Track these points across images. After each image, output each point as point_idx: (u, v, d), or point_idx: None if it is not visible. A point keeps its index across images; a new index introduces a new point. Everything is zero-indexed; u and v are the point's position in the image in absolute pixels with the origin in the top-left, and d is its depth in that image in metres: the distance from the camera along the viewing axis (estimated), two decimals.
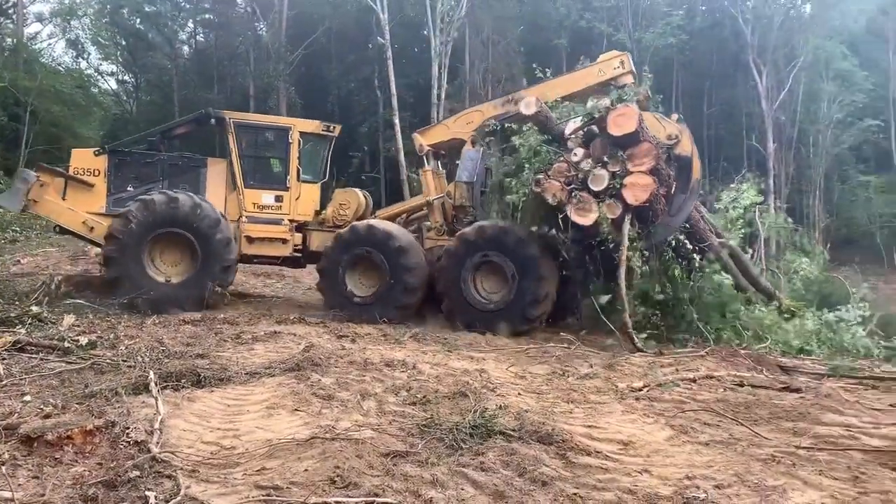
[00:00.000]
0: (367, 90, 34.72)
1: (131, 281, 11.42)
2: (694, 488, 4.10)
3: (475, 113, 13.38)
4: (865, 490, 4.22)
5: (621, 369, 8.33)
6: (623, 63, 12.62)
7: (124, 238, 11.51)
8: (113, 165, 12.55)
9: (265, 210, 12.95)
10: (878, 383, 8.48)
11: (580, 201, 10.50)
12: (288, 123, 13.54)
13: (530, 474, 4.25)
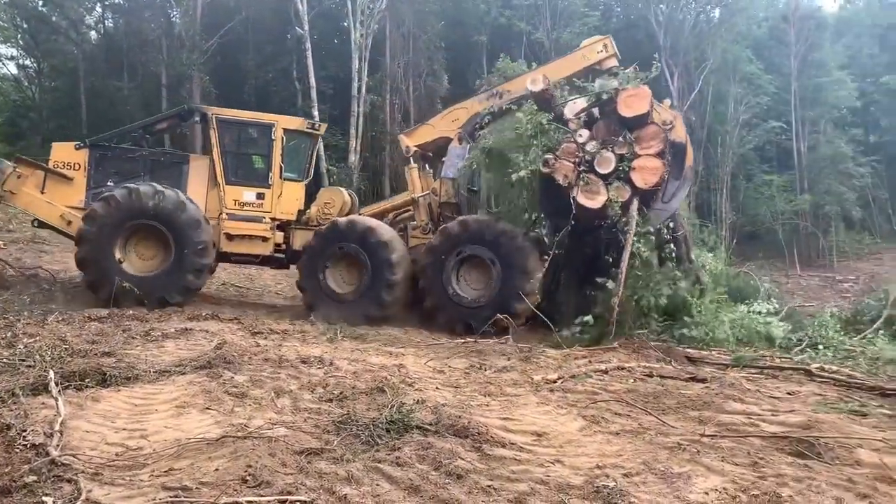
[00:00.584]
0: (285, 81, 34.09)
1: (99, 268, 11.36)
2: (604, 477, 4.21)
3: (460, 110, 13.35)
4: (763, 475, 4.42)
5: (537, 362, 8.49)
6: (606, 46, 12.66)
7: (101, 221, 11.39)
8: (93, 160, 12.45)
9: (246, 207, 12.69)
10: (778, 373, 8.92)
11: (588, 183, 10.28)
12: (271, 120, 13.25)
13: (446, 468, 4.26)
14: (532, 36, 34.68)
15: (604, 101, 10.66)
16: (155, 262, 11.74)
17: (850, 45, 47.29)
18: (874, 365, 9.36)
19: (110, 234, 11.43)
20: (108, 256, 11.37)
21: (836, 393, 7.55)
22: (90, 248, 11.39)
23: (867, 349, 10.59)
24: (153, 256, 11.80)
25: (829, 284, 31.54)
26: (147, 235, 11.73)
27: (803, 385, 8.03)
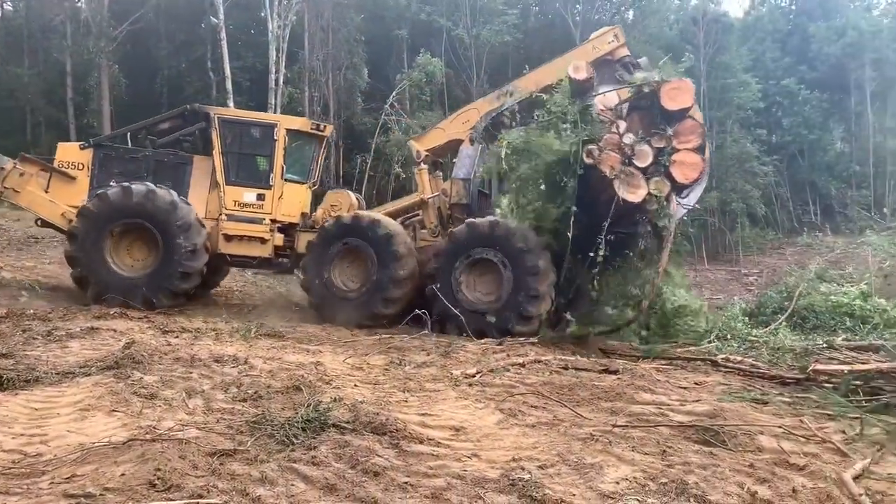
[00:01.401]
0: (199, 72, 33.08)
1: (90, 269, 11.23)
2: (519, 469, 4.27)
3: (471, 111, 13.09)
4: (671, 463, 4.58)
5: (457, 357, 8.54)
6: (617, 36, 12.37)
7: (92, 219, 11.22)
8: (98, 160, 12.40)
9: (246, 208, 12.39)
10: (686, 363, 9.29)
11: (629, 176, 10.02)
12: (274, 120, 12.97)
13: (362, 465, 4.23)
14: (452, 32, 34.79)
15: (645, 93, 10.43)
16: (146, 262, 11.56)
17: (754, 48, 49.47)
18: (775, 355, 9.85)
19: (101, 231, 11.29)
20: (97, 254, 11.22)
21: (739, 382, 7.91)
22: (80, 245, 11.26)
23: (770, 340, 11.14)
24: (145, 257, 11.62)
25: (735, 278, 33.00)
26: (141, 236, 11.56)
27: (710, 375, 8.38)
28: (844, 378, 7.21)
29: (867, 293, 15.29)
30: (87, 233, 11.26)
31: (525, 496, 3.83)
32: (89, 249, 11.23)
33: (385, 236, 11.44)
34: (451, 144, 13.12)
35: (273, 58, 27.59)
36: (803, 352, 9.27)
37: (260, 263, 12.95)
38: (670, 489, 4.04)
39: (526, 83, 12.66)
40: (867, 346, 10.04)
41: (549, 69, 12.73)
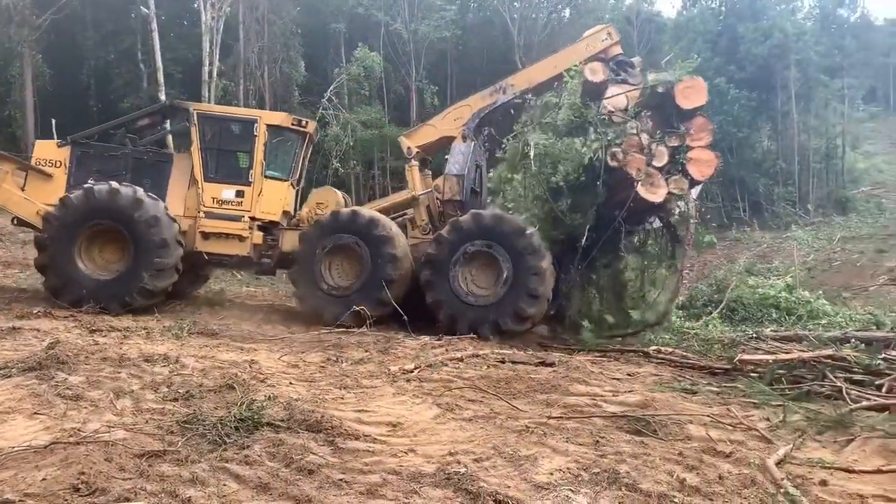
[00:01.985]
0: (128, 63, 32.09)
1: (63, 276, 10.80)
2: (455, 463, 4.28)
3: (463, 108, 12.86)
4: (604, 453, 4.67)
5: (395, 353, 8.52)
6: (610, 34, 12.31)
7: (58, 224, 10.80)
8: (75, 157, 12.09)
9: (224, 206, 11.97)
10: (620, 355, 9.49)
11: (649, 177, 10.04)
12: (254, 115, 12.54)
13: (297, 464, 4.18)
14: (391, 27, 34.66)
15: (658, 93, 10.50)
16: (120, 264, 11.12)
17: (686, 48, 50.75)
18: (705, 346, 10.15)
19: (69, 236, 10.85)
20: (68, 260, 10.79)
21: (670, 373, 8.13)
22: (49, 253, 10.83)
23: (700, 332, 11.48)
24: (119, 259, 11.17)
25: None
26: (112, 237, 11.13)
27: (642, 366, 8.59)
28: (769, 367, 7.50)
29: (792, 286, 15.93)
30: (54, 239, 10.88)
31: (460, 490, 3.84)
32: (59, 256, 10.83)
33: (382, 237, 11.20)
34: (442, 141, 12.95)
35: (206, 50, 26.94)
36: (731, 343, 9.57)
37: (239, 263, 12.55)
38: (602, 479, 4.11)
39: (520, 80, 12.61)
40: (792, 335, 10.46)
41: (543, 66, 12.82)
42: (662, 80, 10.58)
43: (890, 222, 38.11)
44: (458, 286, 10.73)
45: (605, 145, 10.26)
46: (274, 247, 12.33)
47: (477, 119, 12.47)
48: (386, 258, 11.06)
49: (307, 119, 13.22)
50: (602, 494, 3.91)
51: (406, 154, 12.97)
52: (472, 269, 10.89)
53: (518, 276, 10.47)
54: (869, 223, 38.82)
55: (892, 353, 7.75)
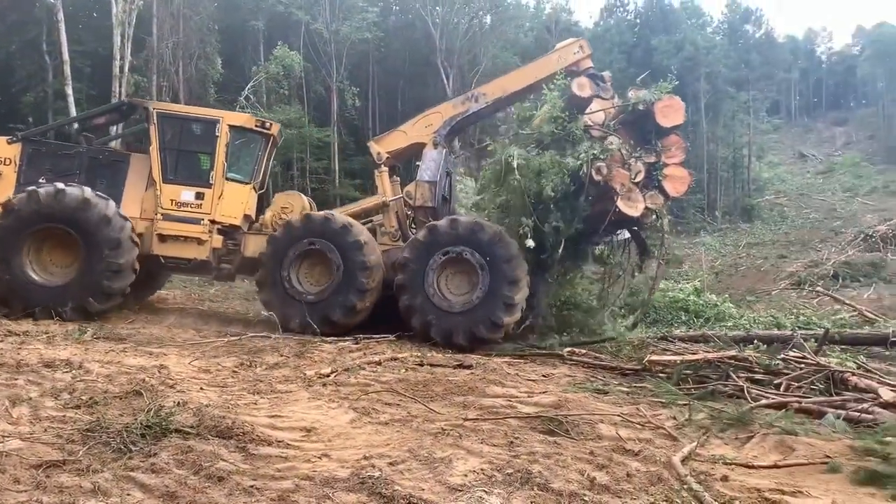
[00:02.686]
0: (33, 54, 30.47)
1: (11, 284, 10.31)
2: (370, 467, 4.25)
3: (434, 115, 12.63)
4: (518, 453, 4.73)
5: (311, 357, 8.41)
6: (582, 47, 12.33)
7: (2, 231, 10.34)
8: (26, 155, 11.56)
9: (183, 208, 11.42)
10: (536, 357, 9.65)
11: (628, 191, 10.26)
12: (216, 116, 11.94)
13: (206, 471, 4.06)
14: (311, 26, 34.22)
15: (640, 110, 10.74)
16: (73, 269, 10.53)
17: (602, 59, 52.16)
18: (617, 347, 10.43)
19: (14, 243, 10.27)
20: (14, 268, 10.22)
21: (583, 374, 8.32)
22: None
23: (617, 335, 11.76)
24: (71, 263, 10.60)
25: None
26: (62, 241, 10.56)
27: (557, 368, 8.76)
28: (676, 368, 7.79)
29: (700, 289, 16.58)
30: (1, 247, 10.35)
31: (374, 494, 3.82)
32: (7, 264, 10.28)
33: (355, 243, 10.91)
34: (412, 147, 12.74)
35: (118, 43, 25.90)
36: (641, 344, 9.87)
37: (197, 267, 12.00)
38: (515, 479, 4.16)
39: (492, 89, 12.59)
40: (699, 335, 10.88)
41: (516, 76, 12.87)
42: (643, 98, 10.87)
43: (791, 230, 40.22)
44: (433, 292, 10.57)
45: (591, 159, 10.43)
46: (234, 251, 11.94)
47: (448, 126, 12.43)
48: (359, 266, 10.81)
49: (271, 121, 12.86)
50: (515, 495, 3.95)
51: (376, 159, 12.70)
52: (446, 276, 10.78)
53: (494, 284, 10.39)
54: (772, 230, 40.84)
55: (791, 353, 8.16)
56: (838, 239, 34.76)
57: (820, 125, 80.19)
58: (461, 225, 10.73)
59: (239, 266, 12.02)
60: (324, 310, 10.67)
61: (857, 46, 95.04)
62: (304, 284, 11.08)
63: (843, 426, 5.74)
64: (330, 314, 10.63)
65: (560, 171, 10.55)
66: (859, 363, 7.79)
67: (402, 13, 41.40)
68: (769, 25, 77.64)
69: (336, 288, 10.77)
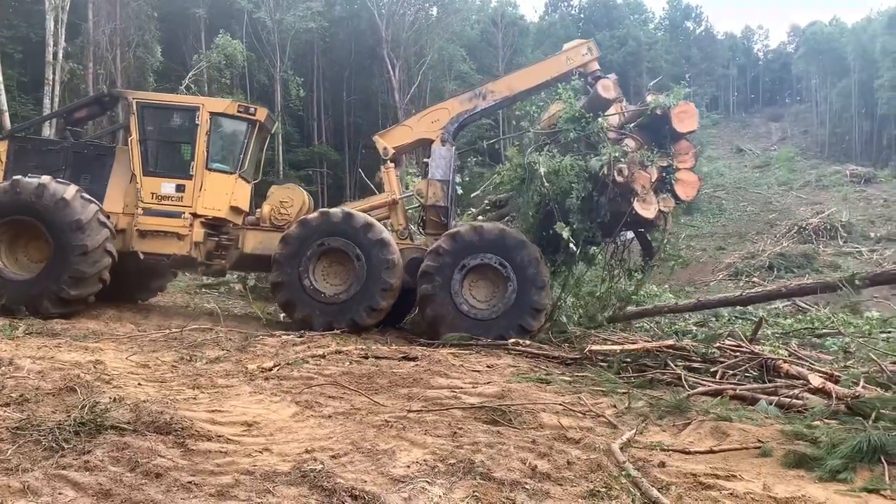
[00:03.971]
0: None
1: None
2: (312, 461, 4.22)
3: (441, 111, 12.37)
4: (461, 444, 4.75)
5: (254, 351, 8.31)
6: (591, 49, 12.32)
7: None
8: (13, 152, 11.40)
9: (164, 201, 11.04)
10: (482, 349, 9.71)
11: (645, 193, 10.49)
12: (196, 103, 11.53)
13: (143, 468, 3.97)
14: (254, 15, 33.65)
15: (656, 115, 10.93)
16: (40, 265, 10.34)
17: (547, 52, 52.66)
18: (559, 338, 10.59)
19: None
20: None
21: (527, 364, 8.41)
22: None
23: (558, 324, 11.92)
24: (40, 260, 10.42)
25: None
26: (38, 235, 10.38)
27: (501, 358, 8.83)
28: (616, 357, 7.94)
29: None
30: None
31: (315, 487, 3.79)
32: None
33: (379, 242, 10.69)
34: (418, 143, 12.59)
35: (51, 29, 25.03)
36: (583, 334, 10.03)
37: (180, 263, 11.63)
38: (458, 469, 4.19)
39: (500, 87, 12.47)
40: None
41: (524, 75, 12.75)
42: (661, 103, 11.04)
43: (729, 222, 41.37)
44: (461, 301, 10.53)
45: (613, 161, 10.54)
46: (228, 246, 11.59)
47: (456, 123, 12.28)
48: (384, 264, 10.62)
49: (256, 106, 12.38)
50: (457, 484, 3.97)
51: (382, 154, 12.32)
52: (470, 283, 10.75)
53: (522, 291, 10.43)
54: (711, 222, 41.88)
55: (726, 342, 8.40)
56: (773, 231, 35.96)
57: (757, 120, 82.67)
58: (486, 231, 10.72)
59: (236, 262, 11.74)
60: (347, 310, 10.48)
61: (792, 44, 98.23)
62: (323, 284, 10.83)
63: (774, 412, 5.93)
64: (354, 315, 10.45)
65: (581, 174, 10.68)
66: (791, 350, 8.06)
67: (347, 3, 41.07)
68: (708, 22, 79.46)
69: (360, 288, 10.58)
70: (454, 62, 40.84)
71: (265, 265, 11.35)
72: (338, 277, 10.90)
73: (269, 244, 11.24)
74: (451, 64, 40.69)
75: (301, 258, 10.66)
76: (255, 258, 11.58)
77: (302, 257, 10.67)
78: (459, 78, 41.52)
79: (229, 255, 11.69)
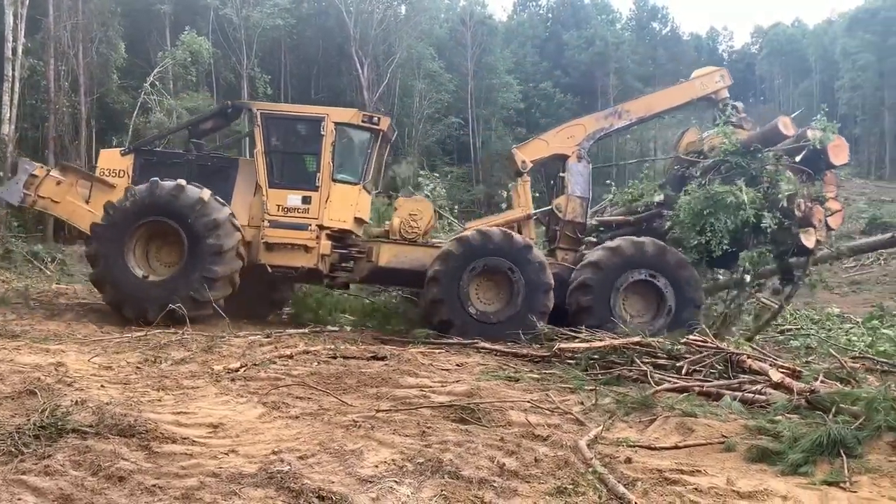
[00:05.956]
0: None
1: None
2: (279, 462, 4.18)
3: (576, 127, 12.51)
4: (429, 443, 4.75)
5: (220, 351, 8.23)
6: (723, 77, 12.76)
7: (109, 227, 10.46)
8: (139, 166, 11.53)
9: (290, 213, 10.98)
10: (451, 347, 9.74)
11: (821, 226, 10.99)
12: (321, 113, 11.36)
13: (105, 471, 3.90)
14: (220, 11, 33.26)
15: (816, 149, 11.17)
16: (173, 268, 10.67)
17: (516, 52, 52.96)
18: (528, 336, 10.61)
19: (124, 232, 10.50)
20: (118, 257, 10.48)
21: (496, 362, 8.45)
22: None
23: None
24: (172, 262, 10.76)
25: None
26: (172, 238, 10.65)
27: (471, 357, 8.87)
28: (584, 354, 8.01)
29: None
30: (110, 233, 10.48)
31: (282, 488, 3.76)
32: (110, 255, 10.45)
33: (539, 265, 10.82)
34: (553, 158, 12.64)
35: (9, 24, 24.42)
36: (552, 331, 10.08)
37: (307, 275, 11.51)
38: (426, 468, 4.19)
39: (637, 107, 12.70)
40: None
41: (661, 97, 13.23)
42: (821, 139, 11.30)
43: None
44: (619, 315, 10.76)
45: (793, 194, 10.97)
46: (357, 259, 11.50)
47: (591, 140, 12.45)
48: (543, 287, 10.75)
49: (380, 115, 12.27)
50: (425, 483, 3.97)
51: (521, 168, 12.37)
52: (623, 298, 11.05)
53: (680, 309, 10.81)
54: None
55: (692, 337, 8.50)
56: None
57: None
58: (647, 247, 11.03)
59: (368, 275, 11.65)
60: (503, 330, 10.44)
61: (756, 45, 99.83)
62: (478, 303, 10.92)
63: (738, 407, 6.02)
64: (511, 337, 10.31)
65: (762, 205, 10.97)
66: (754, 346, 8.20)
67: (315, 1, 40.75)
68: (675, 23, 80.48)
69: (517, 309, 10.65)
70: (423, 61, 40.80)
71: (400, 279, 11.74)
72: (490, 295, 11.07)
73: (404, 258, 11.37)
74: (420, 62, 40.65)
75: (461, 277, 10.77)
76: (390, 272, 11.55)
77: (461, 276, 10.77)
78: (429, 77, 41.51)
79: (359, 268, 11.61)
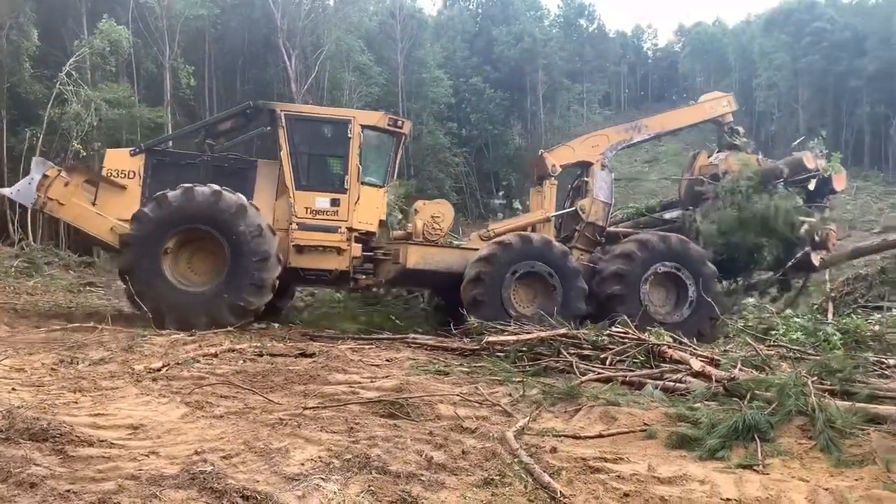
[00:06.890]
0: None
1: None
2: (202, 462, 4.08)
3: (600, 137, 13.23)
4: (357, 439, 4.73)
5: (141, 351, 7.98)
6: (730, 102, 14.08)
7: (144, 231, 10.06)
8: (150, 167, 11.19)
9: (319, 216, 10.75)
10: (380, 342, 9.71)
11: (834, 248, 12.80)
12: (348, 115, 11.16)
13: (15, 478, 3.72)
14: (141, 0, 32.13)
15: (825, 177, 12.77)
16: (212, 276, 10.38)
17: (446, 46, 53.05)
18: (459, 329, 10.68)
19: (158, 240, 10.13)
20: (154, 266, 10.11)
21: (426, 356, 8.47)
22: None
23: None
24: (211, 271, 10.44)
25: None
26: (206, 245, 10.41)
27: (401, 352, 8.86)
28: (513, 347, 8.10)
29: None
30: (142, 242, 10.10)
31: (205, 489, 3.67)
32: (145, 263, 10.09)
33: (576, 270, 11.19)
34: (577, 164, 13.41)
35: None
36: (481, 325, 10.17)
37: (338, 278, 11.27)
38: (354, 464, 4.16)
39: (654, 123, 13.73)
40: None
41: (674, 117, 14.49)
42: (827, 169, 12.86)
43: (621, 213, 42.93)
44: (648, 303, 11.44)
45: (818, 223, 12.50)
46: (382, 261, 11.46)
47: (614, 151, 13.20)
48: (579, 292, 11.15)
49: (402, 118, 12.20)
50: (353, 480, 3.95)
51: (551, 171, 12.87)
52: (656, 289, 11.83)
53: (701, 301, 11.54)
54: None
55: (616, 329, 8.71)
56: None
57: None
58: (672, 242, 11.79)
59: (395, 277, 11.56)
60: None
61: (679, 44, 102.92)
62: (521, 306, 11.16)
63: (660, 396, 6.21)
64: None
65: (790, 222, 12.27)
66: (675, 337, 8.46)
67: None
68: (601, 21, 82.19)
69: (556, 313, 10.66)
70: (352, 53, 40.39)
71: (426, 281, 11.96)
72: (526, 298, 11.34)
73: (431, 259, 11.45)
74: (350, 55, 40.22)
75: (503, 279, 11.04)
76: (418, 273, 11.52)
77: (504, 278, 11.04)
78: (358, 70, 41.16)
79: (385, 270, 11.58)
